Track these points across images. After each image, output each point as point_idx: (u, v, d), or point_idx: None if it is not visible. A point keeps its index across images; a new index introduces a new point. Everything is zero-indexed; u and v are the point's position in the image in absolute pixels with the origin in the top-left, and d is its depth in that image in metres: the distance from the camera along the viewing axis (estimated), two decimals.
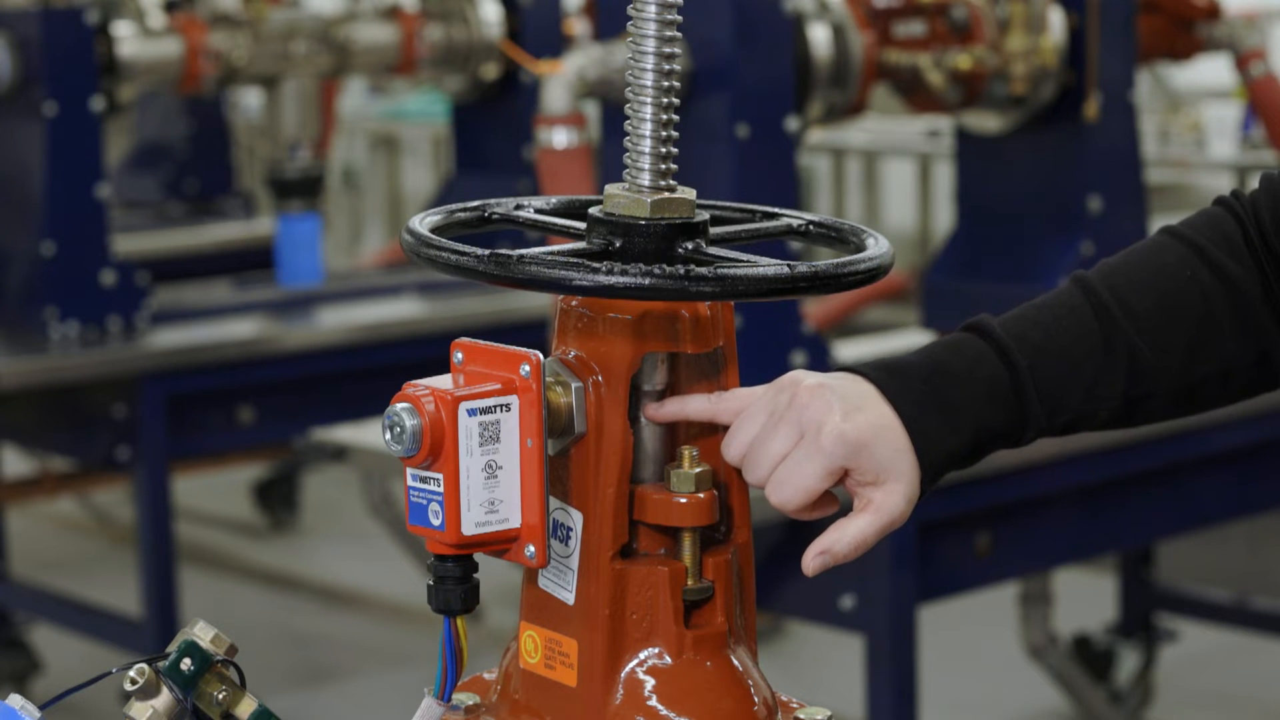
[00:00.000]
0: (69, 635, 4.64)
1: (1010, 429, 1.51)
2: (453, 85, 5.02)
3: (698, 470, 1.42)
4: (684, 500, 1.41)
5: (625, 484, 1.41)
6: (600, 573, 1.40)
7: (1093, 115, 3.69)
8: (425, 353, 4.32)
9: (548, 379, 1.39)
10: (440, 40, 4.90)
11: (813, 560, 1.44)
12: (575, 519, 1.41)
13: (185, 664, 1.46)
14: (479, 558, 1.40)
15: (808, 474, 1.42)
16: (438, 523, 1.38)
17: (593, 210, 1.44)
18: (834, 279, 1.41)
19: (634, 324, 1.40)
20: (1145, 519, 3.69)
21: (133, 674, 1.45)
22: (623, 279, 1.34)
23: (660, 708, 1.40)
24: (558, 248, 1.42)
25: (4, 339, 4.20)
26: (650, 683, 1.41)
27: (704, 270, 1.35)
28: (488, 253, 1.37)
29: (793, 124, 3.32)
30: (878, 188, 9.05)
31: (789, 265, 1.37)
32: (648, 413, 1.43)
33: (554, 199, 1.57)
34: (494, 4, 4.93)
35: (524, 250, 1.38)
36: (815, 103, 3.52)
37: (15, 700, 1.43)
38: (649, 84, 1.41)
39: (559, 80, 3.33)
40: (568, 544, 1.41)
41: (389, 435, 1.37)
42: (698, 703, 1.41)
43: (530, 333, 4.41)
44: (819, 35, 3.51)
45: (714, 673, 1.42)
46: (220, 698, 1.47)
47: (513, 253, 1.37)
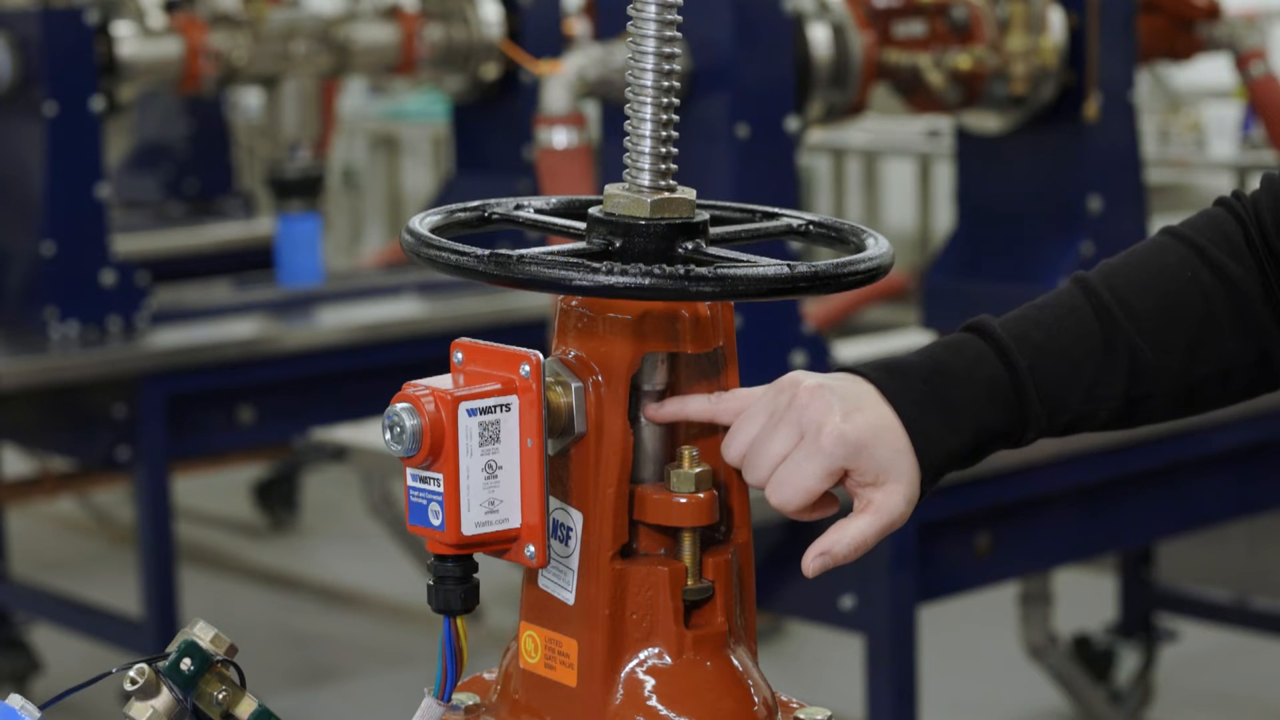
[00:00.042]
0: (69, 635, 4.64)
1: (1010, 429, 1.50)
2: (453, 85, 5.01)
3: (698, 470, 1.42)
4: (684, 500, 1.41)
5: (625, 484, 1.41)
6: (600, 573, 1.40)
7: (1093, 115, 3.69)
8: (425, 353, 4.31)
9: (548, 379, 1.39)
10: (440, 40, 4.90)
11: (813, 561, 1.44)
12: (575, 519, 1.41)
13: (185, 664, 1.46)
14: (479, 558, 1.40)
15: (807, 475, 1.42)
16: (438, 523, 1.38)
17: (593, 210, 1.44)
18: (834, 279, 1.41)
19: (634, 324, 1.40)
20: (1145, 519, 3.69)
21: (133, 674, 1.45)
22: (623, 279, 1.34)
23: (660, 708, 1.40)
24: (558, 248, 1.42)
25: (4, 339, 4.20)
26: (650, 683, 1.41)
27: (704, 270, 1.35)
28: (488, 253, 1.37)
29: (793, 124, 3.32)
30: (878, 188, 9.05)
31: (789, 265, 1.37)
32: (648, 413, 1.43)
33: (554, 199, 1.57)
34: (494, 4, 4.93)
35: (524, 250, 1.38)
36: (815, 103, 3.52)
37: (15, 700, 1.43)
38: (649, 84, 1.41)
39: (559, 80, 3.33)
40: (568, 544, 1.41)
41: (389, 435, 1.37)
42: (698, 703, 1.41)
43: (530, 333, 4.41)
44: (819, 35, 3.51)
45: (714, 673, 1.42)
46: (220, 698, 1.47)
47: (513, 253, 1.37)
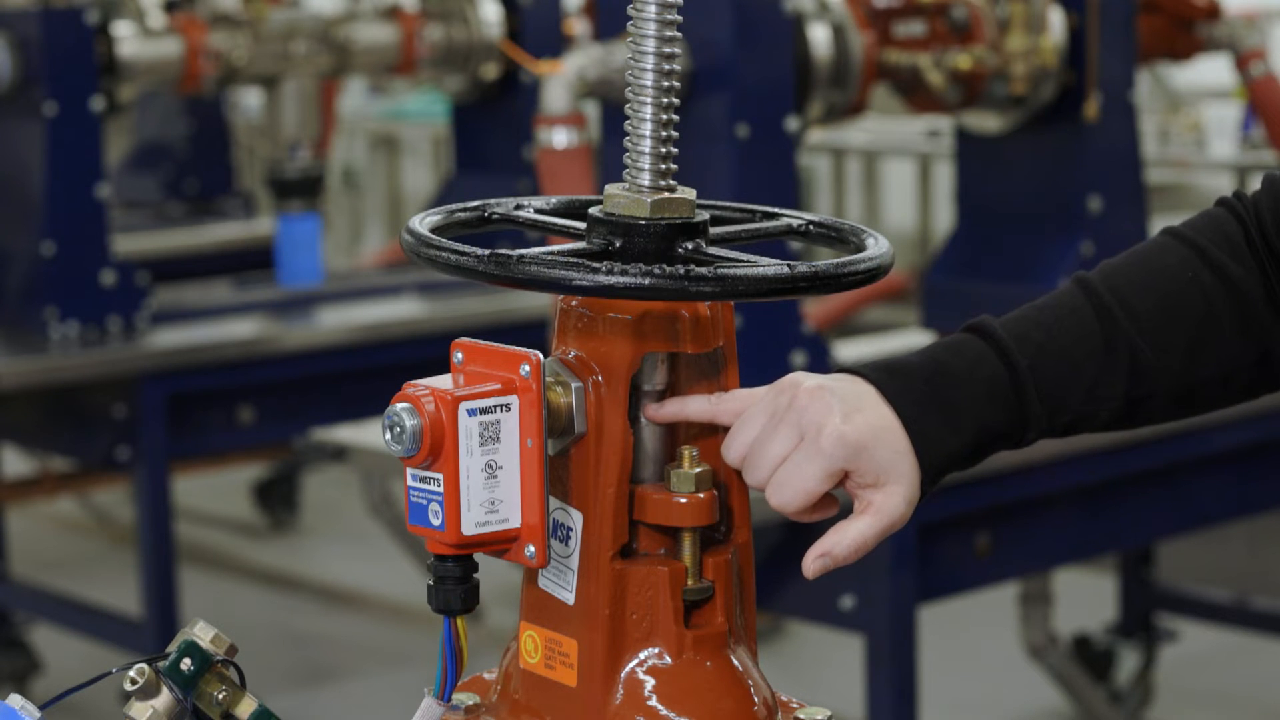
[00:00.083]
0: (69, 635, 4.64)
1: (1011, 429, 1.50)
2: (453, 85, 5.01)
3: (698, 470, 1.42)
4: (684, 500, 1.41)
5: (625, 484, 1.41)
6: (600, 573, 1.40)
7: (1093, 115, 3.69)
8: (425, 353, 4.31)
9: (548, 379, 1.39)
10: (440, 40, 4.90)
11: (813, 563, 1.44)
12: (575, 519, 1.41)
13: (185, 664, 1.46)
14: (479, 558, 1.40)
15: (807, 476, 1.42)
16: (438, 523, 1.37)
17: (593, 210, 1.44)
18: (834, 279, 1.41)
19: (634, 324, 1.40)
20: (1145, 519, 3.69)
21: (133, 674, 1.45)
22: (623, 279, 1.34)
23: (660, 708, 1.40)
24: (558, 248, 1.42)
25: (4, 339, 4.20)
26: (650, 683, 1.41)
27: (704, 270, 1.35)
28: (488, 253, 1.37)
29: (793, 124, 3.32)
30: (878, 188, 9.05)
31: (789, 265, 1.37)
32: (648, 413, 1.43)
33: (554, 199, 1.57)
34: (494, 4, 4.93)
35: (524, 250, 1.38)
36: (815, 103, 3.52)
37: (15, 700, 1.43)
38: (649, 84, 1.41)
39: (559, 80, 3.33)
40: (568, 544, 1.41)
41: (389, 435, 1.37)
42: (698, 703, 1.41)
43: (530, 333, 4.41)
44: (819, 35, 3.51)
45: (714, 673, 1.42)
46: (220, 698, 1.47)
47: (513, 253, 1.37)
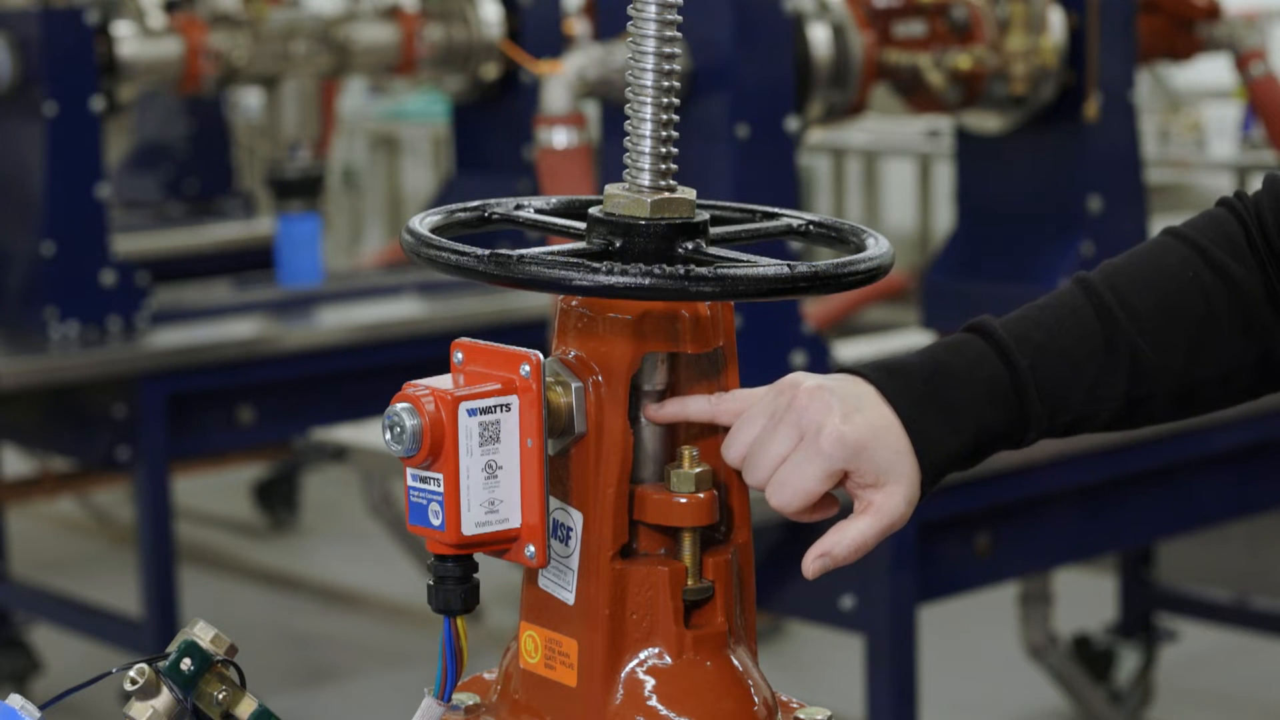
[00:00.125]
0: (69, 635, 4.64)
1: (1011, 430, 1.50)
2: (453, 85, 5.01)
3: (698, 470, 1.42)
4: (684, 500, 1.41)
5: (625, 484, 1.41)
6: (600, 573, 1.40)
7: (1093, 115, 3.69)
8: (425, 353, 4.31)
9: (548, 379, 1.39)
10: (440, 40, 4.89)
11: (813, 563, 1.44)
12: (575, 519, 1.41)
13: (185, 664, 1.46)
14: (479, 558, 1.40)
15: (807, 476, 1.42)
16: (438, 523, 1.37)
17: (593, 210, 1.44)
18: (834, 279, 1.40)
19: (634, 324, 1.40)
20: (1145, 519, 3.69)
21: (133, 674, 1.44)
22: (623, 279, 1.34)
23: (660, 708, 1.40)
24: (558, 248, 1.42)
25: (4, 339, 4.19)
26: (650, 683, 1.41)
27: (704, 270, 1.35)
28: (488, 253, 1.37)
29: (793, 124, 3.32)
30: (878, 188, 9.05)
31: (789, 265, 1.37)
32: (648, 414, 1.43)
33: (554, 199, 1.57)
34: (494, 4, 4.93)
35: (524, 250, 1.38)
36: (815, 103, 3.52)
37: (15, 700, 1.43)
38: (649, 84, 1.41)
39: (559, 80, 3.33)
40: (568, 544, 1.41)
41: (389, 435, 1.37)
42: (698, 703, 1.41)
43: (530, 333, 4.41)
44: (819, 35, 3.51)
45: (714, 673, 1.42)
46: (220, 698, 1.47)
47: (513, 253, 1.37)
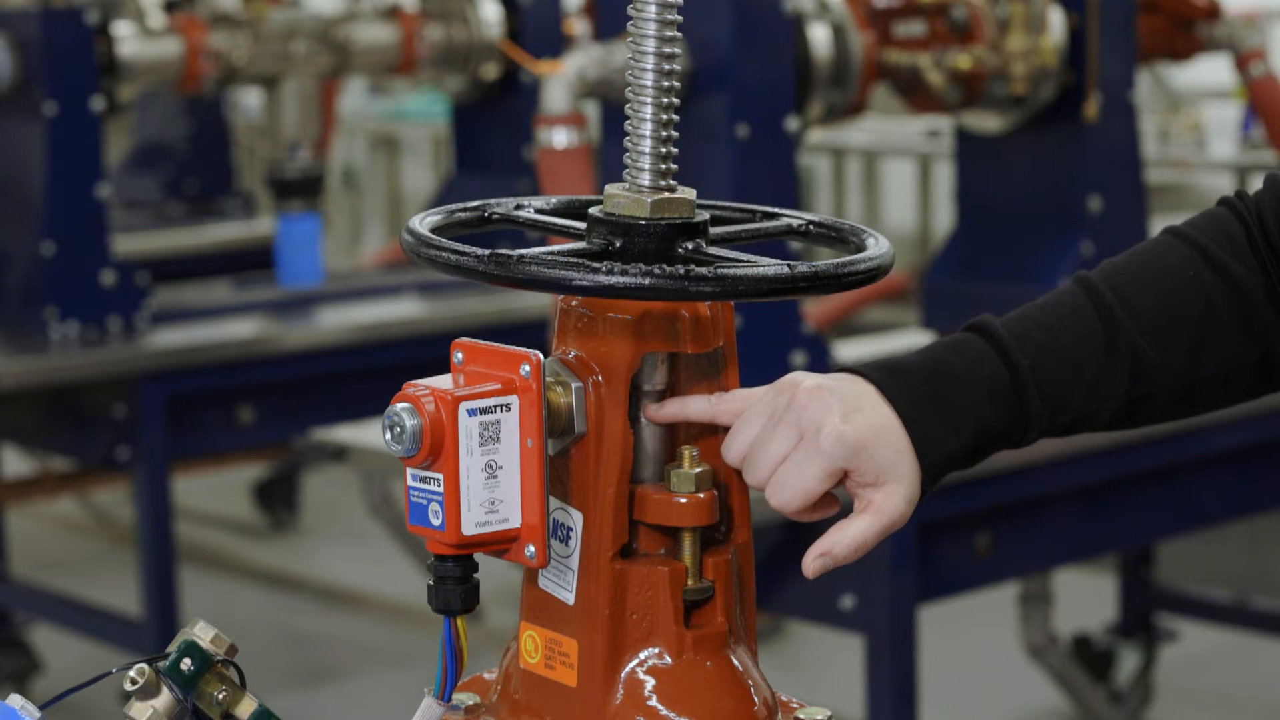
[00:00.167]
0: (69, 635, 4.64)
1: (1011, 429, 1.50)
2: (453, 85, 5.01)
3: (698, 470, 1.42)
4: (684, 500, 1.41)
5: (625, 484, 1.41)
6: (600, 573, 1.40)
7: (1093, 115, 3.69)
8: (425, 353, 4.31)
9: (548, 379, 1.39)
10: (440, 40, 4.89)
11: (813, 562, 1.44)
12: (575, 519, 1.41)
13: (185, 664, 1.46)
14: (479, 558, 1.40)
15: (807, 476, 1.42)
16: (438, 523, 1.37)
17: (593, 210, 1.44)
18: (834, 279, 1.40)
19: (634, 324, 1.40)
20: (1145, 519, 3.69)
21: (133, 674, 1.44)
22: (623, 279, 1.34)
23: (660, 708, 1.40)
24: (558, 248, 1.42)
25: (4, 339, 4.19)
26: (650, 683, 1.41)
27: (704, 270, 1.35)
28: (488, 253, 1.37)
29: (793, 124, 3.32)
30: (878, 188, 9.05)
31: (789, 265, 1.37)
32: (648, 414, 1.43)
33: (554, 199, 1.57)
34: (494, 4, 4.93)
35: (524, 250, 1.38)
36: (815, 103, 3.52)
37: (15, 700, 1.43)
38: (649, 84, 1.41)
39: (559, 80, 3.33)
40: (568, 544, 1.41)
41: (389, 435, 1.37)
42: (698, 703, 1.41)
43: (530, 333, 4.41)
44: (819, 35, 3.51)
45: (714, 673, 1.42)
46: (220, 698, 1.47)
47: (513, 253, 1.37)
